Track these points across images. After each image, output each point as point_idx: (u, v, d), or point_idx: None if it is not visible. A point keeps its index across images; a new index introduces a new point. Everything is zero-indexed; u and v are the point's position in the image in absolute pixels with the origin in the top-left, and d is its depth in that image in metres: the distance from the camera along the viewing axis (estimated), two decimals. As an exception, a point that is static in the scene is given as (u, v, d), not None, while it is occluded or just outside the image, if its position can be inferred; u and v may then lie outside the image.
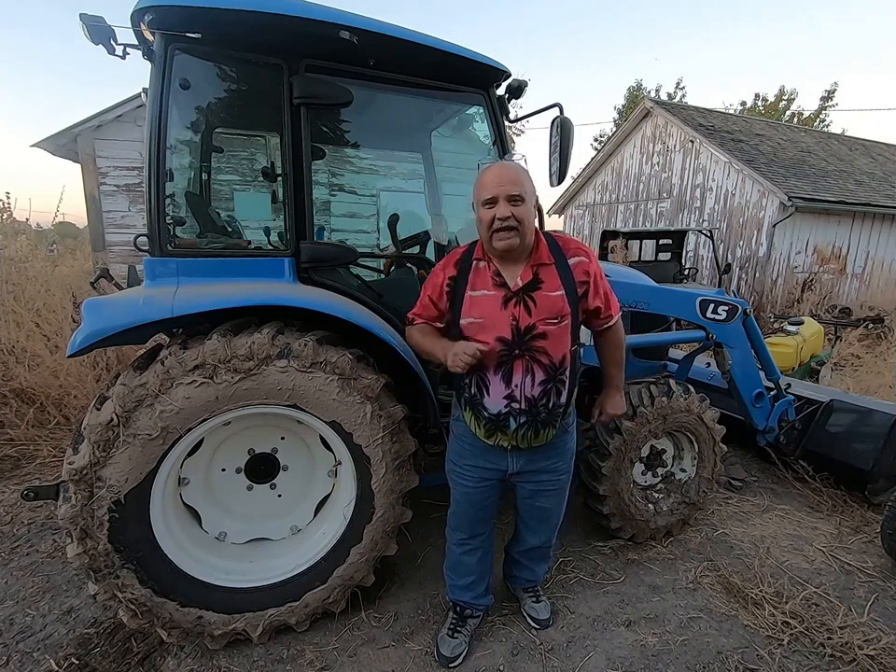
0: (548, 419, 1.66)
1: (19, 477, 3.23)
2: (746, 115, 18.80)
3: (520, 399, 1.62)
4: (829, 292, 10.50)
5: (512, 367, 1.60)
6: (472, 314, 1.62)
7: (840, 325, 7.29)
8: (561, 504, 1.95)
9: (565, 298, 1.58)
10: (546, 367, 1.60)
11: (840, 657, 1.95)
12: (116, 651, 1.93)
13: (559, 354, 1.60)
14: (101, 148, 7.19)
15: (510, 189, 1.49)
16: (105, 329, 1.58)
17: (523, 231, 1.52)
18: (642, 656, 1.96)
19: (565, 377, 1.64)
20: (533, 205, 1.57)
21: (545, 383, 1.61)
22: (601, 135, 26.32)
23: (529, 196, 1.53)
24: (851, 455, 3.01)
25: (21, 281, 4.67)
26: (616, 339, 1.80)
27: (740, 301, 2.84)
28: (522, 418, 1.64)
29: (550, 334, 1.57)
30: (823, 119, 24.52)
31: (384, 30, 1.90)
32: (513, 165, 1.57)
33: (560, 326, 1.57)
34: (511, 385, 1.61)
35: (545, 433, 1.68)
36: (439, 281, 1.71)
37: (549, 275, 1.59)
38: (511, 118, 2.43)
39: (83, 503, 1.62)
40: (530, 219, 1.54)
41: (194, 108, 2.31)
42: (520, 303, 1.58)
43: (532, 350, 1.58)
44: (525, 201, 1.50)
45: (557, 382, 1.62)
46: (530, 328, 1.56)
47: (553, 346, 1.58)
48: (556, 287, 1.58)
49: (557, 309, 1.57)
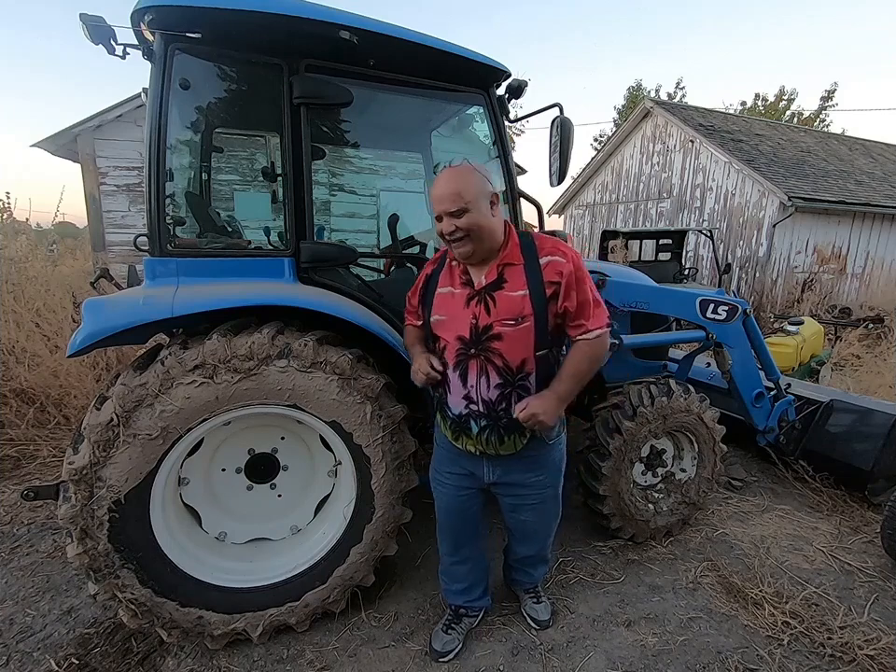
0: (512, 426, 1.58)
1: (19, 477, 3.23)
2: (746, 115, 18.80)
3: (477, 401, 1.58)
4: (829, 292, 10.51)
5: (468, 366, 1.56)
6: (438, 311, 1.62)
7: (840, 325, 7.29)
8: (547, 519, 1.89)
9: (527, 298, 1.50)
10: (500, 370, 1.53)
11: (840, 657, 1.94)
12: (116, 651, 1.93)
13: (517, 358, 1.52)
14: (101, 148, 7.19)
15: (447, 206, 1.45)
16: (104, 329, 1.59)
17: (476, 237, 1.48)
18: (642, 656, 1.96)
19: (528, 383, 1.55)
20: (487, 205, 1.49)
21: (502, 387, 1.54)
22: (601, 135, 26.35)
23: (476, 202, 1.46)
24: (851, 455, 3.01)
25: (21, 281, 4.67)
26: (588, 353, 1.55)
27: (740, 301, 2.84)
28: (482, 421, 1.59)
29: (506, 336, 1.50)
30: (823, 119, 24.54)
31: (383, 30, 1.90)
32: (454, 174, 1.49)
33: (518, 328, 1.49)
34: (468, 385, 1.57)
35: (512, 440, 1.61)
36: (419, 279, 1.75)
37: (514, 275, 1.53)
38: (511, 118, 2.43)
39: (83, 503, 1.62)
40: (482, 223, 1.48)
41: (194, 108, 2.31)
42: (481, 302, 1.54)
43: (487, 351, 1.53)
44: (469, 209, 1.45)
45: (518, 387, 1.55)
46: (487, 327, 1.52)
47: (510, 349, 1.51)
48: (519, 288, 1.51)
49: (516, 310, 1.49)
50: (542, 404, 1.52)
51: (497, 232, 1.54)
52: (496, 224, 1.53)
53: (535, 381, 1.55)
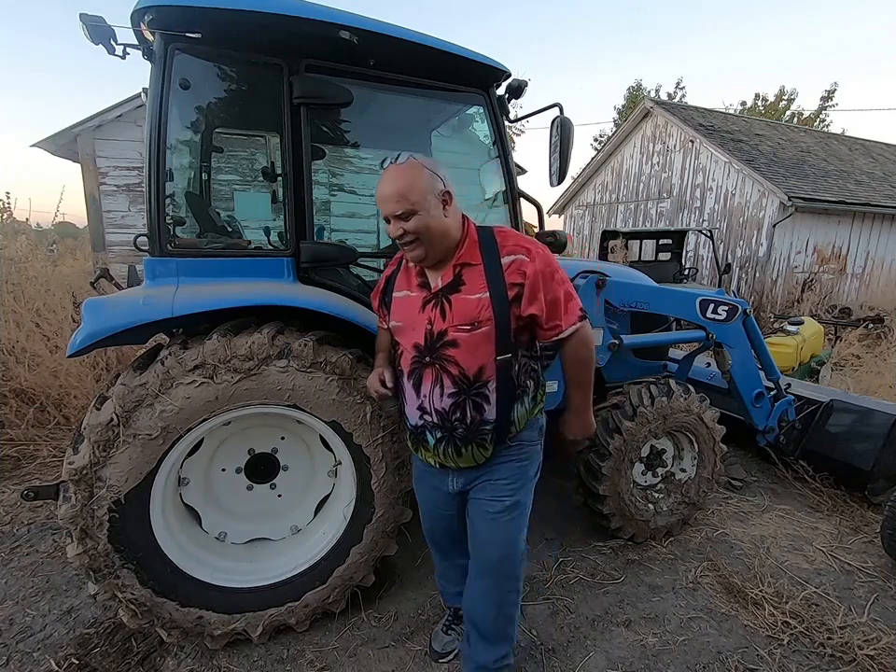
0: (469, 436, 1.45)
1: (19, 477, 3.22)
2: (746, 115, 18.80)
3: (430, 412, 1.47)
4: (829, 292, 10.51)
5: (422, 375, 1.46)
6: (396, 316, 1.53)
7: (840, 325, 7.29)
8: (501, 540, 1.58)
9: (485, 301, 1.37)
10: (455, 378, 1.41)
11: (840, 657, 1.95)
12: (116, 651, 1.93)
13: (473, 365, 1.40)
14: (101, 148, 7.19)
15: (392, 207, 1.34)
16: (104, 329, 1.59)
17: (427, 240, 1.37)
18: (642, 656, 1.96)
19: (487, 391, 1.42)
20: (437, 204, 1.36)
21: (456, 395, 1.42)
22: (601, 135, 26.35)
23: (424, 202, 1.33)
24: (851, 455, 3.01)
25: (21, 281, 4.67)
26: (572, 354, 1.49)
27: (740, 301, 2.84)
28: (437, 433, 1.48)
29: (461, 342, 1.39)
30: (823, 119, 24.55)
31: (383, 30, 1.90)
32: (397, 173, 1.35)
33: (475, 333, 1.37)
34: (421, 394, 1.47)
35: (471, 452, 1.48)
36: (380, 281, 1.64)
37: (472, 277, 1.40)
38: (511, 118, 2.43)
39: (83, 503, 1.62)
40: (432, 225, 1.35)
41: (194, 108, 2.31)
42: (437, 306, 1.42)
43: (441, 358, 1.41)
44: (417, 211, 1.33)
45: (474, 395, 1.42)
46: (442, 333, 1.40)
47: (466, 356, 1.40)
48: (477, 290, 1.38)
49: (472, 314, 1.37)
50: (569, 427, 1.60)
51: (452, 232, 1.42)
52: (449, 224, 1.40)
53: (494, 388, 1.43)
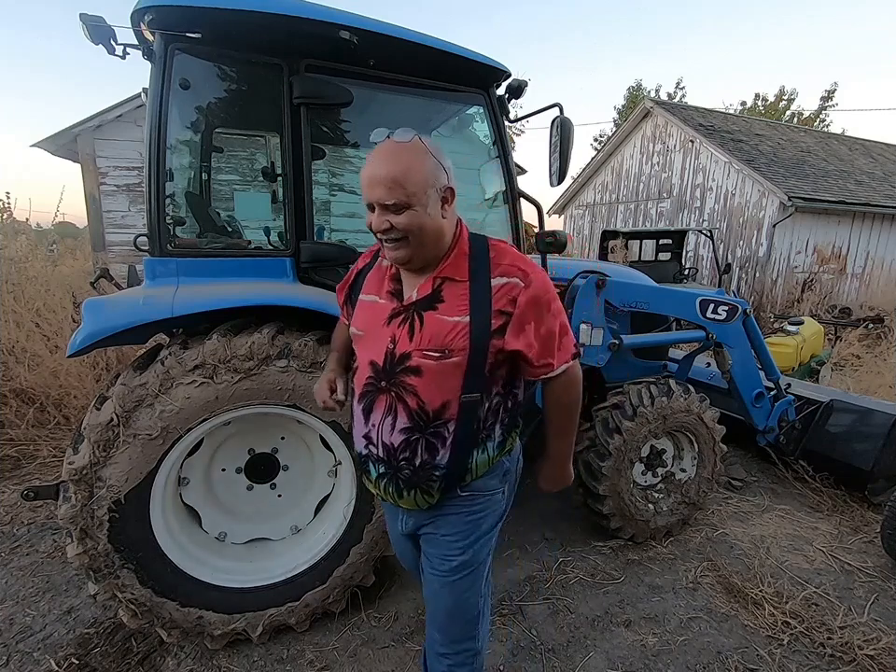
0: (415, 479, 1.22)
1: (19, 477, 3.23)
2: (746, 115, 18.80)
3: (377, 444, 1.23)
4: (829, 292, 10.51)
5: (374, 401, 1.22)
6: (357, 323, 1.30)
7: (840, 325, 7.29)
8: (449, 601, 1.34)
9: (463, 327, 1.13)
10: (413, 412, 1.17)
11: (840, 657, 1.95)
12: (116, 651, 1.93)
13: (436, 399, 1.16)
14: (101, 148, 7.19)
15: (382, 195, 1.07)
16: (104, 329, 1.59)
17: (417, 241, 1.12)
18: (642, 656, 1.96)
19: (445, 432, 1.18)
20: (437, 201, 1.12)
21: (409, 432, 1.19)
22: (601, 135, 26.35)
23: (423, 195, 1.08)
24: (851, 455, 3.01)
25: (21, 281, 4.67)
26: (558, 397, 1.27)
27: (740, 301, 2.84)
28: (381, 467, 1.25)
29: (425, 371, 1.15)
30: (823, 119, 24.55)
31: (383, 30, 1.90)
32: (397, 152, 1.09)
33: (443, 363, 1.14)
34: (370, 423, 1.24)
35: (413, 497, 1.25)
36: (349, 273, 1.43)
37: (454, 294, 1.16)
38: (511, 118, 2.43)
39: (83, 503, 1.62)
40: (427, 225, 1.11)
41: (194, 108, 2.31)
42: (406, 322, 1.18)
43: (399, 386, 1.17)
44: (412, 205, 1.08)
45: (430, 435, 1.19)
46: (404, 356, 1.16)
47: (428, 388, 1.16)
48: (458, 312, 1.14)
49: (444, 340, 1.13)
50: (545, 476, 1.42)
51: (446, 237, 1.18)
52: (445, 227, 1.17)
53: (455, 430, 1.19)
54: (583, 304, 2.53)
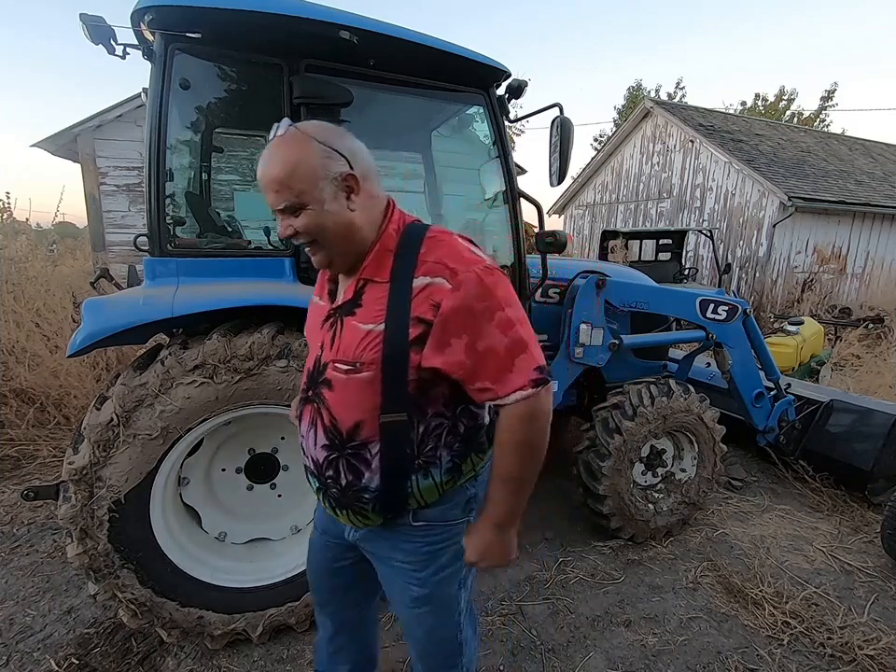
0: (344, 501, 1.08)
1: (19, 477, 3.23)
2: (746, 115, 18.80)
3: (308, 456, 1.12)
4: (829, 292, 10.51)
5: (303, 411, 1.12)
6: (306, 324, 1.21)
7: (840, 325, 7.29)
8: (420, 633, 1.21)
9: (375, 337, 0.97)
10: (327, 429, 1.05)
11: (840, 657, 1.95)
12: (116, 651, 1.93)
13: (348, 418, 1.02)
14: (101, 148, 7.18)
15: (273, 200, 0.96)
16: (104, 329, 1.59)
17: (325, 242, 0.99)
18: (642, 656, 1.96)
19: (367, 455, 1.03)
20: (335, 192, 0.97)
21: (328, 450, 1.06)
22: (601, 135, 26.35)
23: (315, 191, 0.94)
24: (851, 455, 3.01)
25: (21, 281, 4.67)
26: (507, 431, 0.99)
27: (740, 301, 2.85)
28: (314, 482, 1.15)
29: (335, 384, 1.02)
30: (823, 119, 24.55)
31: (383, 30, 1.90)
32: (278, 149, 0.96)
33: (352, 377, 0.99)
34: (301, 433, 1.14)
35: (346, 516, 1.11)
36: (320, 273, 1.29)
37: (373, 298, 1.00)
38: (511, 118, 2.43)
39: (83, 503, 1.62)
40: (328, 223, 0.97)
41: (194, 108, 2.31)
42: (332, 328, 1.06)
43: (318, 398, 1.06)
44: (306, 204, 0.95)
45: (350, 456, 1.04)
46: (325, 366, 1.05)
47: (339, 403, 1.03)
48: (372, 319, 0.98)
49: (355, 351, 0.99)
50: (476, 547, 1.08)
51: (362, 231, 1.01)
52: (355, 220, 0.99)
53: (378, 454, 1.02)
54: (583, 304, 2.53)
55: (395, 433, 1.01)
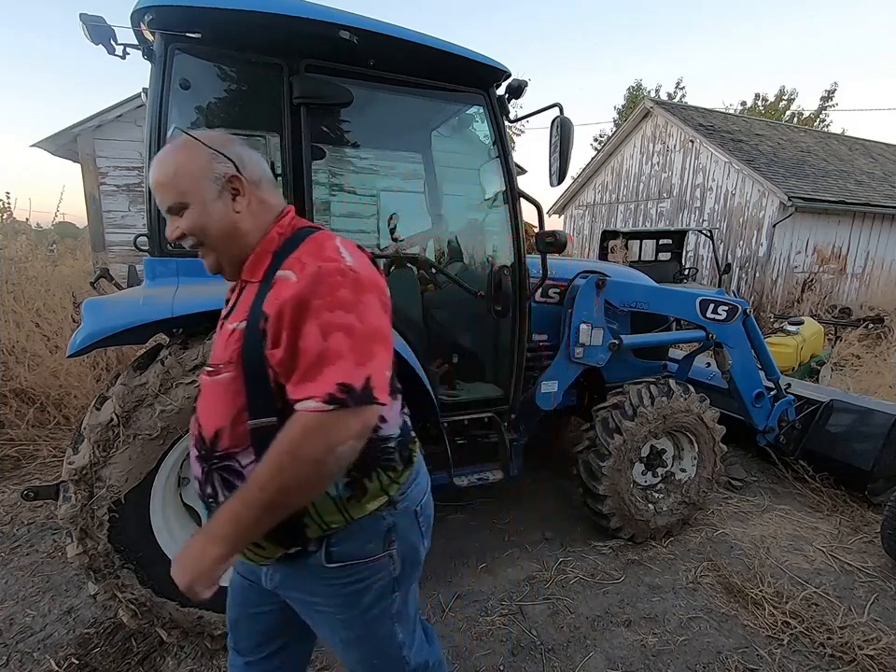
0: None
1: (19, 477, 3.23)
2: (746, 115, 18.80)
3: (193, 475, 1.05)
4: (829, 292, 10.51)
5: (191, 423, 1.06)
6: None
7: (840, 325, 7.29)
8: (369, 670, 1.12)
9: (237, 336, 0.93)
10: (196, 439, 1.00)
11: (840, 657, 1.95)
12: (116, 651, 1.93)
13: (210, 425, 0.96)
14: (101, 148, 7.19)
15: (159, 200, 0.97)
16: (104, 329, 1.58)
17: (209, 244, 0.99)
18: (642, 656, 1.96)
19: (236, 466, 0.94)
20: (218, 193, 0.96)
21: (200, 462, 0.99)
22: (601, 135, 26.35)
23: (196, 192, 0.95)
24: (851, 455, 3.01)
25: (21, 281, 4.67)
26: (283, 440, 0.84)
27: (740, 301, 2.85)
28: (202, 505, 1.07)
29: (203, 390, 1.00)
30: (823, 119, 24.55)
31: (383, 30, 1.90)
32: (164, 153, 0.98)
33: (216, 379, 0.95)
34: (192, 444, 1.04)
35: None
36: None
37: (245, 300, 0.98)
38: (511, 118, 2.43)
39: (83, 503, 1.62)
40: (207, 224, 0.96)
41: (194, 108, 2.31)
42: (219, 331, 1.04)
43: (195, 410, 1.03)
44: (186, 204, 0.95)
45: (220, 469, 0.96)
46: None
47: (205, 410, 0.99)
48: (238, 318, 0.96)
49: (223, 353, 0.96)
50: (178, 560, 0.99)
51: (249, 236, 1.00)
52: (243, 223, 0.99)
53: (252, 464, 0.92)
54: (583, 304, 2.53)
55: (267, 440, 0.88)
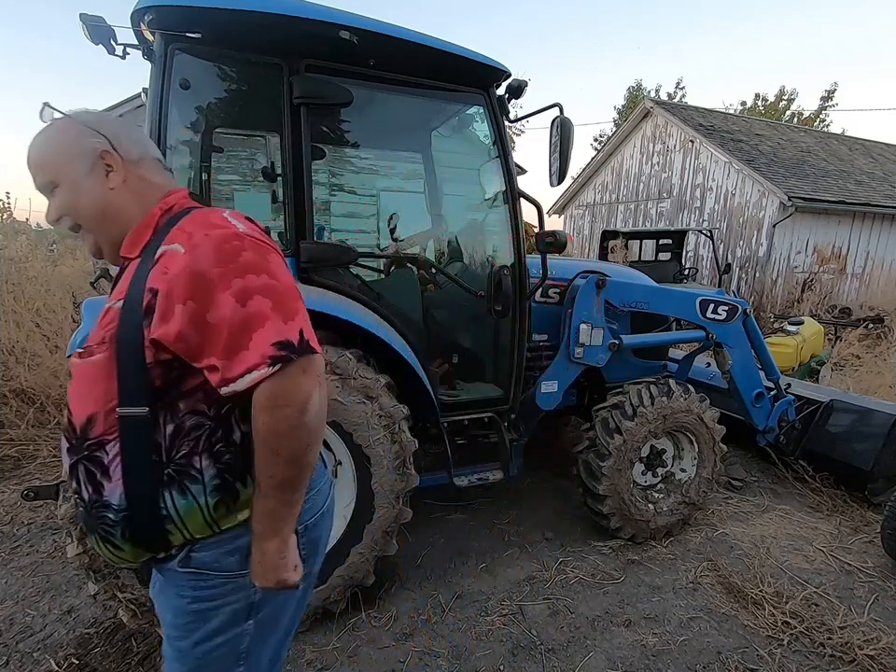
0: (90, 522, 0.91)
1: (19, 477, 3.23)
2: (746, 115, 18.81)
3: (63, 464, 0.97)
4: (829, 292, 10.51)
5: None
6: None
7: (840, 325, 7.29)
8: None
9: (113, 314, 0.87)
10: (65, 428, 0.92)
11: (840, 657, 1.95)
12: (116, 651, 1.93)
13: (81, 412, 0.88)
14: (101, 148, 7.20)
15: (35, 183, 0.94)
16: (104, 329, 1.58)
17: (86, 226, 0.95)
18: (642, 656, 1.96)
19: (103, 457, 0.86)
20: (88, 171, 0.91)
21: (70, 454, 0.90)
22: (601, 135, 26.35)
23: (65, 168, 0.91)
24: (851, 455, 3.01)
25: (21, 281, 4.67)
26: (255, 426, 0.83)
27: (740, 301, 2.85)
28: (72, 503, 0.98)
29: (74, 373, 0.90)
30: (823, 119, 24.55)
31: (383, 30, 1.90)
32: (36, 137, 0.94)
33: (87, 361, 0.87)
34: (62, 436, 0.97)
35: (98, 545, 0.92)
36: None
37: (124, 278, 0.91)
38: (511, 117, 2.43)
39: (83, 503, 1.62)
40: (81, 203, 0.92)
41: (194, 108, 2.31)
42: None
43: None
44: (56, 183, 0.92)
45: (86, 460, 0.87)
46: None
47: (76, 395, 0.90)
48: (116, 296, 0.89)
49: (98, 333, 0.88)
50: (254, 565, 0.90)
51: (126, 213, 0.94)
52: (118, 200, 0.93)
53: (117, 457, 0.85)
54: (583, 304, 2.53)
55: (137, 430, 0.84)
